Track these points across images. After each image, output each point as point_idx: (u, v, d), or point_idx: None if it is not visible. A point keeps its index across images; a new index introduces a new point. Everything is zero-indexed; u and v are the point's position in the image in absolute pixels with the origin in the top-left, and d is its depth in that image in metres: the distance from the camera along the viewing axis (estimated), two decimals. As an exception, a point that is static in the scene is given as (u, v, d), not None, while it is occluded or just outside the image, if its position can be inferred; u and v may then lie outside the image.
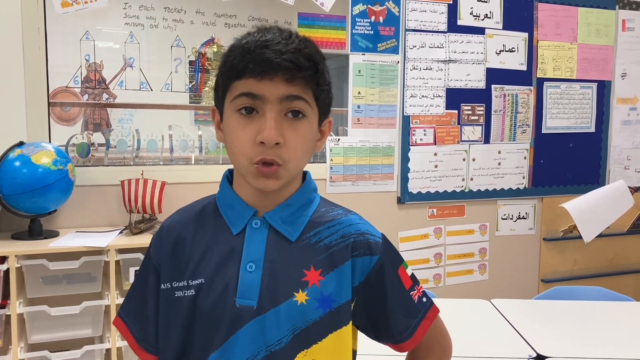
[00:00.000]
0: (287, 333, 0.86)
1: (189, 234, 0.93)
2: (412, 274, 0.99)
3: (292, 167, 0.87)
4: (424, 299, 0.98)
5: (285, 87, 0.84)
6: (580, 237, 2.59)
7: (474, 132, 3.10)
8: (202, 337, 0.88)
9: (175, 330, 0.91)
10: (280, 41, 0.84)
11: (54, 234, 2.30)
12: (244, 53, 0.84)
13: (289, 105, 0.85)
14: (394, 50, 2.92)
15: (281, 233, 0.90)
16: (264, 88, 0.83)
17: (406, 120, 2.96)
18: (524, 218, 3.26)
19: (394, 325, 0.95)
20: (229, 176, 0.97)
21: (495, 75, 3.11)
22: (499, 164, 3.17)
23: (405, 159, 2.98)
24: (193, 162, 2.76)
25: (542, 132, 3.24)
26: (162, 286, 0.92)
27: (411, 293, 0.97)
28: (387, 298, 0.94)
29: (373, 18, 2.86)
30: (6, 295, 2.10)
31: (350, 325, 0.92)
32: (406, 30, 2.92)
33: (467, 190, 3.11)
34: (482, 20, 3.05)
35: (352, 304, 0.92)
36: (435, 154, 3.04)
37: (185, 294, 0.90)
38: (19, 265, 2.08)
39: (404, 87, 2.94)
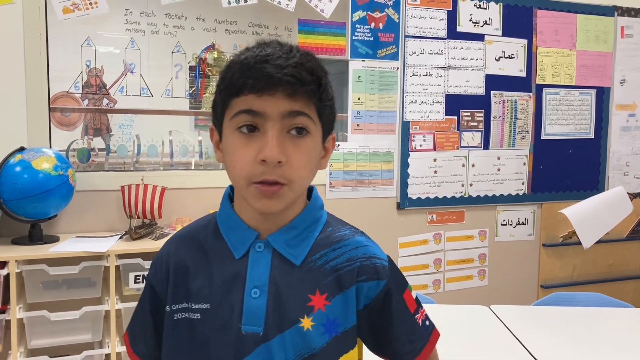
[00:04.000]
0: (295, 359, 0.85)
1: (190, 258, 0.91)
2: (417, 297, 0.97)
3: (296, 187, 0.83)
4: (427, 322, 0.97)
5: (287, 102, 0.80)
6: (579, 243, 2.59)
7: (473, 138, 3.11)
8: None
9: (178, 354, 0.89)
10: (280, 55, 0.80)
11: (54, 239, 2.30)
12: (243, 69, 0.80)
13: (291, 122, 0.81)
14: (394, 56, 2.93)
15: (285, 257, 0.87)
16: (265, 104, 0.80)
17: (406, 126, 2.97)
18: (523, 224, 3.27)
19: (398, 348, 0.93)
20: (230, 194, 0.94)
21: (495, 82, 3.12)
22: (499, 169, 3.18)
23: (404, 165, 2.98)
24: (193, 168, 2.76)
25: (542, 138, 3.25)
26: (166, 308, 0.91)
27: (416, 317, 0.95)
28: (393, 322, 0.92)
29: (373, 24, 2.88)
30: (6, 300, 2.10)
31: (356, 348, 0.92)
32: (406, 36, 2.93)
33: (466, 196, 3.12)
34: (482, 26, 3.07)
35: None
36: (435, 160, 3.04)
37: (186, 316, 0.87)
38: (19, 270, 2.08)
39: (403, 93, 2.95)
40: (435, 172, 3.05)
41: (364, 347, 0.98)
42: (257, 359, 0.84)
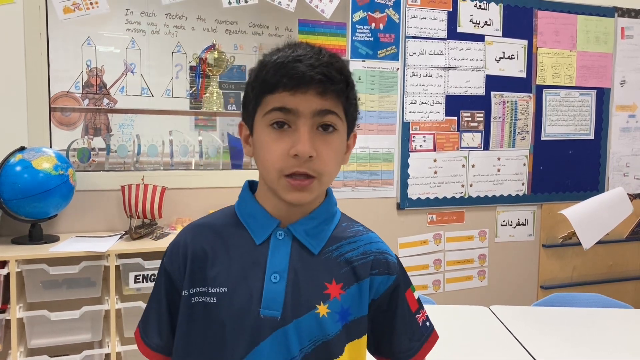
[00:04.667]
0: (309, 344, 0.87)
1: (208, 245, 0.93)
2: (419, 298, 1.01)
3: (325, 180, 0.88)
4: (427, 323, 1.01)
5: (318, 101, 0.85)
6: (579, 243, 2.59)
7: (473, 138, 3.11)
8: (225, 346, 0.88)
9: (192, 338, 0.90)
10: (312, 55, 0.85)
11: (54, 239, 2.30)
12: (277, 67, 0.85)
13: (321, 120, 0.86)
14: (394, 57, 2.93)
15: (304, 245, 0.91)
16: (298, 102, 0.84)
17: (406, 126, 2.97)
18: (523, 224, 3.27)
19: (397, 345, 0.96)
20: (249, 187, 0.98)
21: (495, 82, 3.12)
22: (499, 170, 3.18)
23: (404, 165, 2.98)
24: (193, 168, 2.76)
25: (542, 138, 3.25)
26: (183, 293, 0.92)
27: (417, 316, 0.99)
28: (396, 319, 0.96)
29: (373, 25, 2.88)
30: (6, 299, 2.10)
31: (365, 337, 0.94)
32: (406, 37, 2.93)
33: (466, 196, 3.12)
34: (482, 27, 3.07)
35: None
36: (435, 160, 3.04)
37: (203, 300, 0.89)
38: (19, 270, 2.08)
39: (403, 93, 2.96)
40: (435, 172, 3.05)
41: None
42: (273, 344, 0.86)
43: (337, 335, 0.88)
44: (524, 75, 3.18)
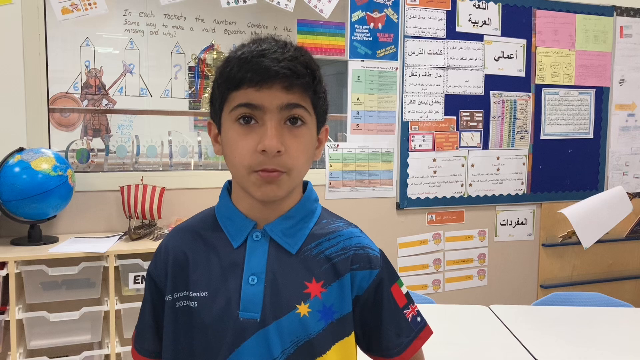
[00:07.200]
0: (290, 345, 0.87)
1: (189, 249, 0.93)
2: (407, 293, 0.99)
3: (295, 174, 0.87)
4: (418, 319, 0.99)
5: (284, 95, 0.83)
6: (579, 242, 2.59)
7: (472, 138, 3.11)
8: (207, 350, 0.88)
9: (179, 342, 0.91)
10: (276, 50, 0.84)
11: (53, 240, 2.30)
12: (241, 63, 0.84)
13: (288, 114, 0.84)
14: (393, 56, 2.93)
15: (282, 245, 0.90)
16: (263, 97, 0.83)
17: (405, 126, 2.97)
18: (522, 224, 3.27)
19: (384, 341, 0.95)
20: (228, 187, 0.97)
21: (494, 82, 3.12)
22: (498, 169, 3.18)
23: (404, 165, 2.98)
24: (192, 168, 2.76)
25: (541, 138, 3.25)
26: (167, 298, 0.93)
27: (405, 311, 0.97)
28: (382, 314, 0.94)
29: (372, 25, 2.88)
30: (5, 301, 2.10)
31: (352, 335, 0.93)
32: (405, 36, 2.93)
33: (466, 196, 3.12)
34: (481, 27, 3.07)
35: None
36: (434, 160, 3.04)
37: (186, 304, 0.90)
38: (18, 271, 2.08)
39: (402, 93, 2.96)
40: (435, 172, 3.05)
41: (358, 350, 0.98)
42: (255, 345, 0.86)
43: (320, 333, 0.88)
44: (523, 74, 3.18)
